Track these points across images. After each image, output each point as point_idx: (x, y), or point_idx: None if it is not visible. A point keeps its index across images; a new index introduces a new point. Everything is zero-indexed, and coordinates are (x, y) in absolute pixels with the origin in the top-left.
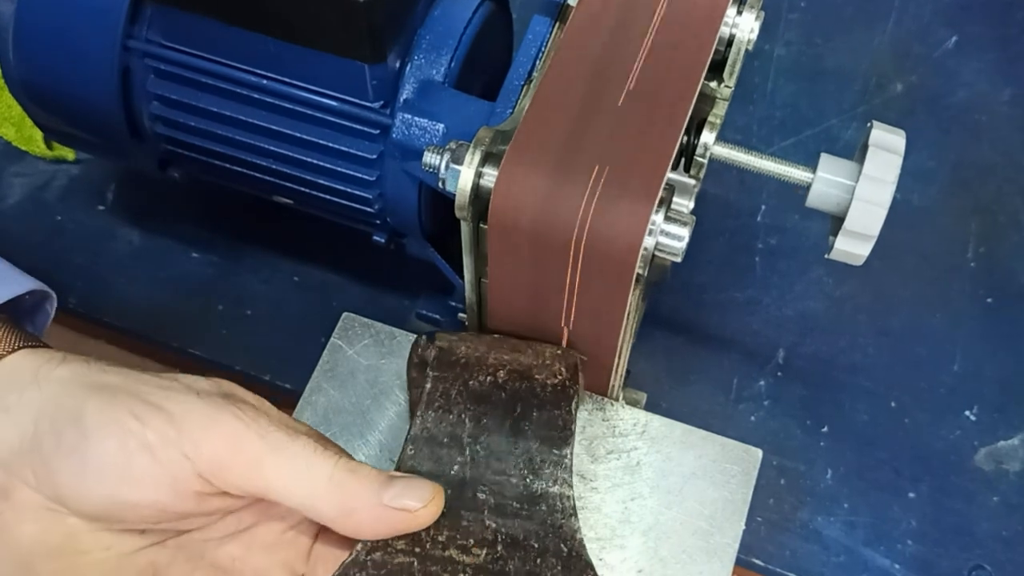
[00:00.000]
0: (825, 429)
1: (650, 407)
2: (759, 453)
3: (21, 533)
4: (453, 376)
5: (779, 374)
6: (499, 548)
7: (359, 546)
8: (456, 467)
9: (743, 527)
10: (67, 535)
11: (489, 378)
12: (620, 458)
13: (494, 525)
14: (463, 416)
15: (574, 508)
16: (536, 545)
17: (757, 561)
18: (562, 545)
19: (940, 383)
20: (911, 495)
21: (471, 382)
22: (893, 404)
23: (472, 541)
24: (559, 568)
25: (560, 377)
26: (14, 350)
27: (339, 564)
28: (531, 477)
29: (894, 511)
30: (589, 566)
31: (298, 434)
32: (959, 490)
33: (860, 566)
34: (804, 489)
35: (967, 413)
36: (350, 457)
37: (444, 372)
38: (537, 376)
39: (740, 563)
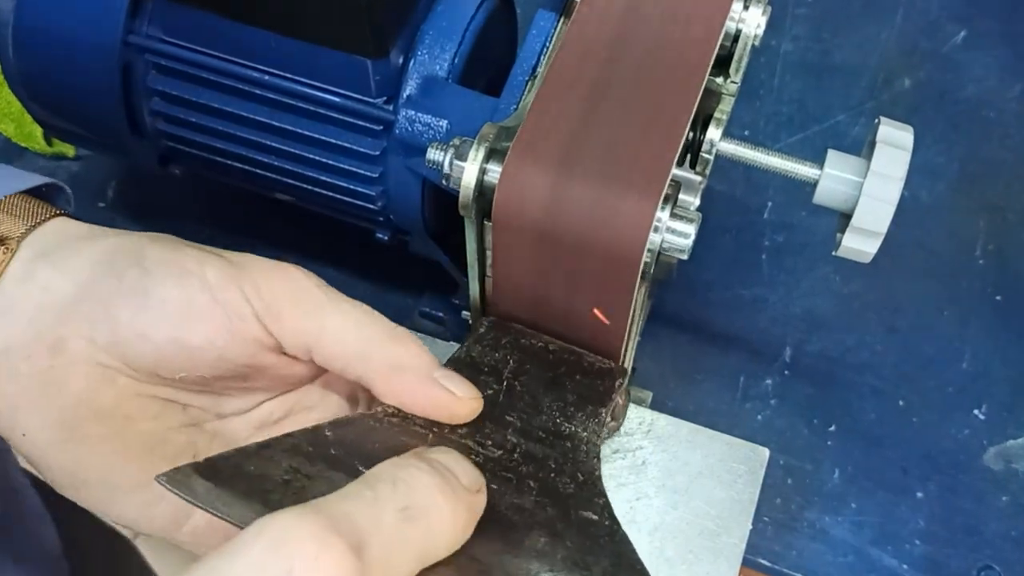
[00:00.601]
0: (832, 428)
1: (656, 406)
2: (766, 452)
3: (70, 391)
4: (506, 330)
5: (786, 372)
6: (516, 455)
7: (382, 406)
8: (491, 391)
9: (750, 527)
10: (117, 397)
11: (539, 343)
12: (625, 457)
13: (516, 440)
14: (508, 357)
15: (599, 455)
16: (553, 466)
17: (764, 561)
18: (579, 473)
19: (949, 381)
20: (919, 495)
21: (522, 340)
22: (901, 403)
23: (491, 442)
24: (572, 488)
25: (608, 365)
26: (55, 215)
27: None
28: (562, 419)
29: (902, 511)
30: (602, 494)
31: (356, 302)
32: (968, 490)
33: (868, 566)
34: (811, 488)
35: (976, 412)
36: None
37: (499, 328)
38: (586, 357)
39: (747, 563)
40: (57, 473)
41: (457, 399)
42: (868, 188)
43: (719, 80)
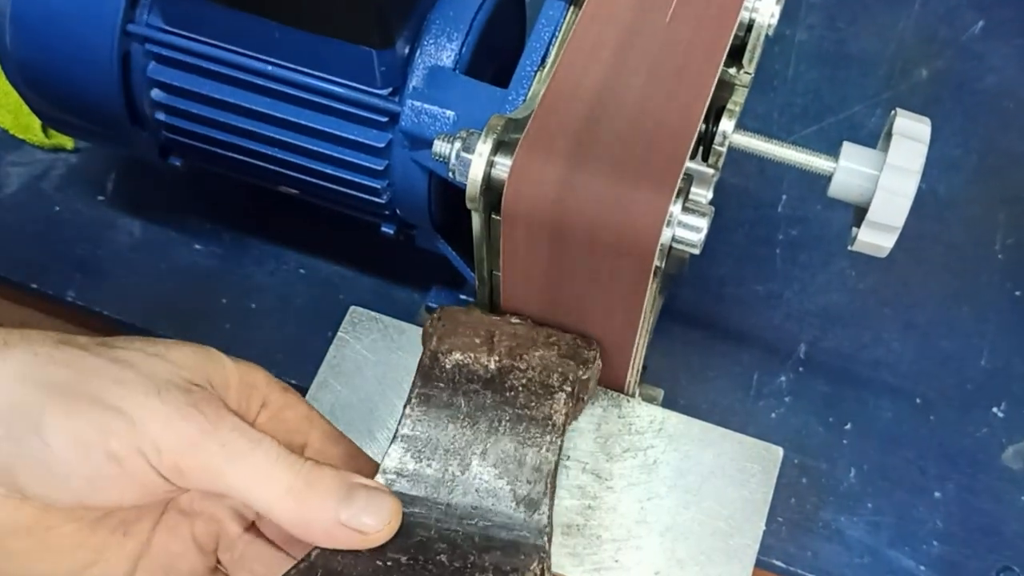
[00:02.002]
0: (848, 426)
1: (667, 404)
2: (780, 451)
3: None
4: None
5: (800, 369)
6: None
7: (314, 551)
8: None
9: (763, 527)
10: (35, 517)
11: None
12: (636, 456)
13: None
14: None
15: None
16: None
17: (778, 563)
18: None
19: (967, 379)
20: (937, 494)
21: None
22: (918, 400)
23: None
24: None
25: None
26: None
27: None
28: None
29: (919, 511)
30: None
31: (261, 440)
32: (987, 489)
33: (884, 568)
34: (826, 488)
35: (995, 410)
36: (316, 463)
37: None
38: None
39: (760, 565)
40: None
41: (367, 537)
42: (884, 181)
43: (732, 71)
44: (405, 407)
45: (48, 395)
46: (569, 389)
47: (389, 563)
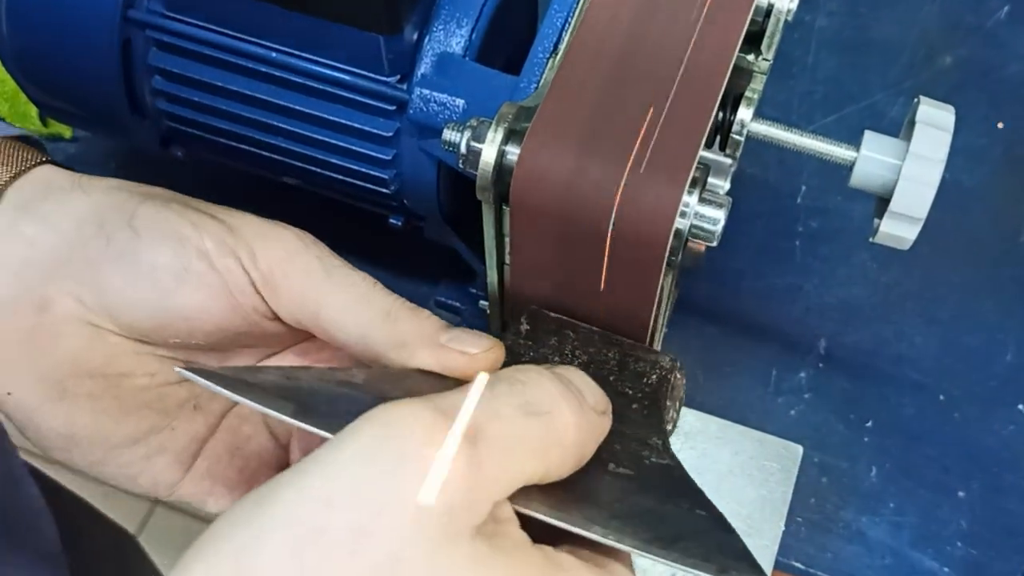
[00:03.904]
0: (869, 424)
1: (684, 401)
2: (799, 449)
3: (59, 349)
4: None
5: (820, 365)
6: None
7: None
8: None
9: (783, 528)
10: (109, 355)
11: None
12: None
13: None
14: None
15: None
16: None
17: (797, 564)
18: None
19: (992, 375)
20: (961, 494)
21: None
22: (942, 397)
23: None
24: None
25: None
26: (40, 163)
27: None
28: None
29: (943, 511)
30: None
31: (357, 270)
32: (1013, 489)
33: (907, 569)
34: (847, 487)
35: (1021, 407)
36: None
37: (540, 322)
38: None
39: (779, 566)
40: (46, 434)
41: (471, 358)
42: (907, 171)
43: (750, 57)
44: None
45: (144, 197)
46: (671, 361)
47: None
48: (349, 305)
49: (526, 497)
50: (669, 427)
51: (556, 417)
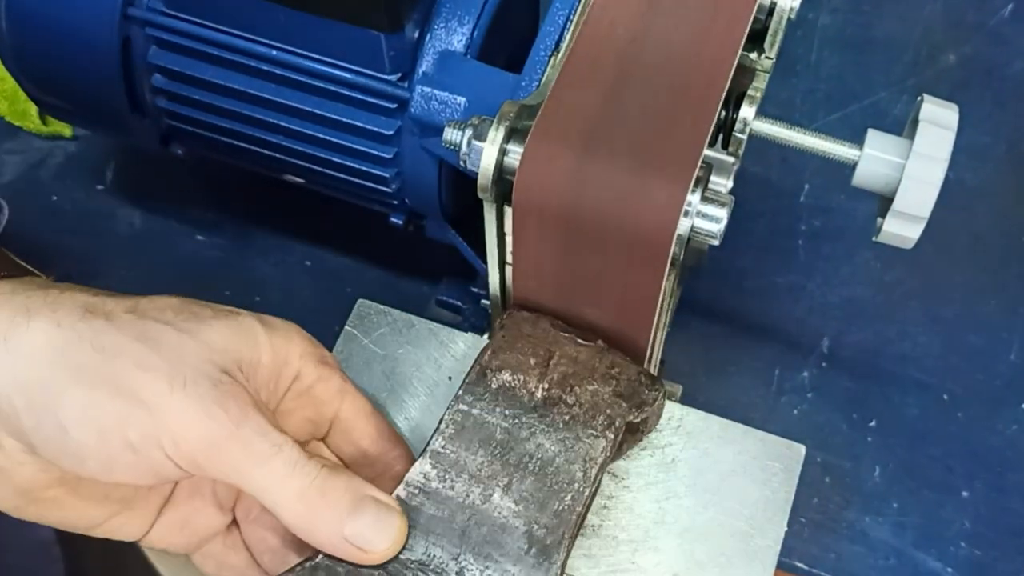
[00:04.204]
0: (873, 423)
1: (686, 400)
2: (802, 449)
3: (17, 474)
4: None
5: (824, 365)
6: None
7: (320, 555)
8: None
9: (785, 528)
10: (62, 475)
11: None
12: (654, 454)
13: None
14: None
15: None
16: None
17: (800, 564)
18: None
19: (996, 374)
20: (965, 494)
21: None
22: (945, 397)
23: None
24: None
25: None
26: None
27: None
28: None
29: (947, 511)
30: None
31: (282, 446)
32: (1017, 489)
33: (910, 570)
34: (850, 487)
35: None
36: (332, 470)
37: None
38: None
39: (782, 566)
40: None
41: (368, 555)
42: (910, 170)
43: (753, 56)
44: (440, 421)
45: (69, 376)
46: (612, 436)
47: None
48: (266, 488)
49: None
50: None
51: None
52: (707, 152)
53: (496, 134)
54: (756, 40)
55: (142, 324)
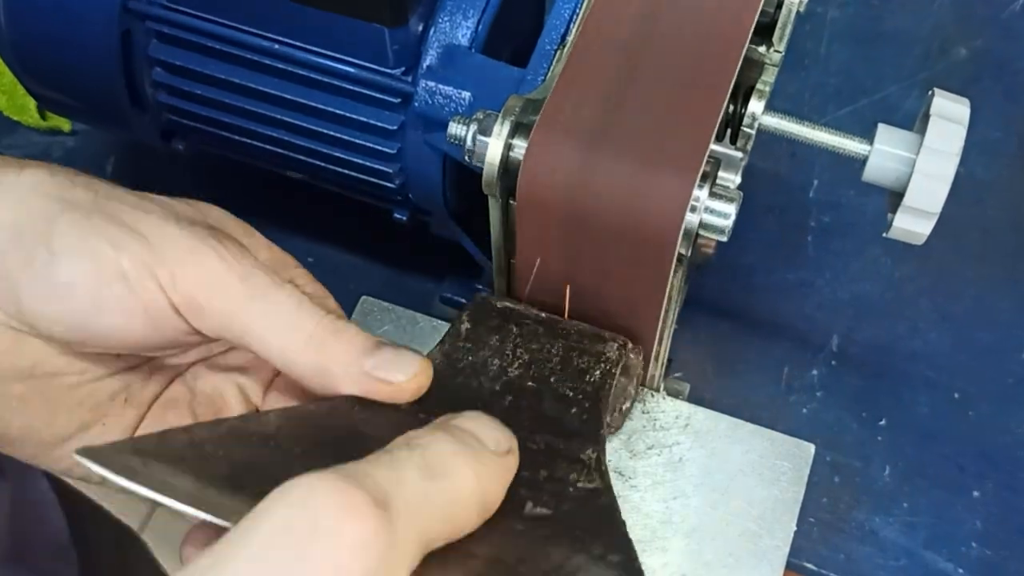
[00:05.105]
0: (883, 422)
1: (694, 399)
2: (811, 448)
3: None
4: (491, 317)
5: (833, 363)
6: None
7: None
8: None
9: (794, 528)
10: (35, 357)
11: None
12: (661, 454)
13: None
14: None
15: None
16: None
17: (809, 565)
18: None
19: (1008, 372)
20: (976, 494)
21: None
22: (956, 395)
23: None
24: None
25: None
26: None
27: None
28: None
29: (958, 511)
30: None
31: (284, 282)
32: None
33: (920, 570)
34: (860, 487)
35: None
36: (340, 315)
37: (480, 318)
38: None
39: (791, 567)
40: None
41: (394, 387)
42: (921, 165)
43: (761, 49)
44: (455, 321)
45: (62, 208)
46: (618, 344)
47: (421, 416)
48: (272, 330)
49: (435, 562)
50: (627, 405)
51: (456, 477)
52: (715, 147)
53: (501, 129)
54: (765, 33)
55: (137, 192)
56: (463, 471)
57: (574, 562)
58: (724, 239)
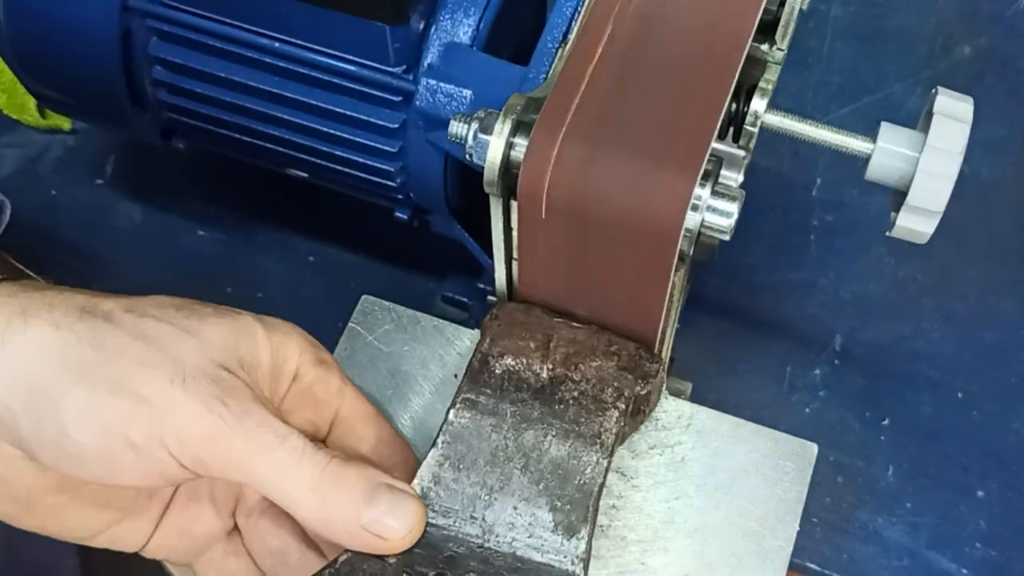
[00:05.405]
0: (886, 422)
1: (696, 398)
2: (814, 448)
3: (15, 480)
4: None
5: (836, 362)
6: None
7: (342, 556)
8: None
9: (797, 528)
10: (60, 481)
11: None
12: (663, 453)
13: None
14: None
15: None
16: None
17: (812, 565)
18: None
19: (1011, 372)
20: (980, 494)
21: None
22: (960, 395)
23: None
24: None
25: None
26: None
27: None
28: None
29: (961, 511)
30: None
31: (287, 436)
32: None
33: (924, 570)
34: (863, 487)
35: None
36: (342, 459)
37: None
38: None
39: (794, 567)
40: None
41: (388, 543)
42: (924, 164)
43: (764, 47)
44: (449, 411)
45: (69, 377)
46: (623, 407)
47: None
48: (275, 483)
49: None
50: (651, 409)
51: None
52: (718, 146)
53: (503, 127)
54: (767, 31)
55: (141, 323)
56: None
57: None
58: (726, 238)
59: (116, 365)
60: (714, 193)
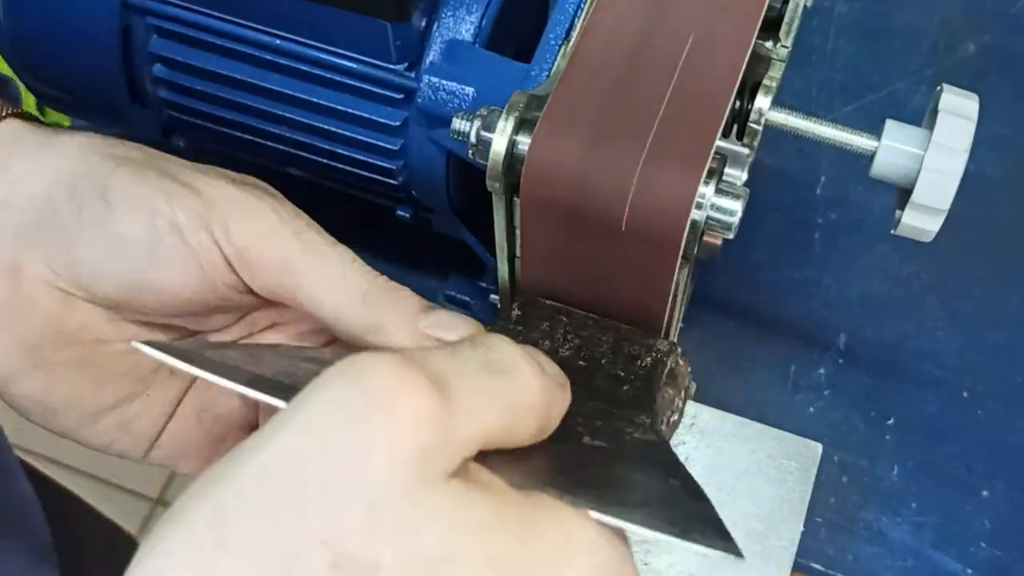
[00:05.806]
0: (891, 421)
1: (700, 398)
2: (819, 447)
3: (31, 317)
4: (542, 309)
5: (840, 361)
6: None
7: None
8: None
9: (801, 528)
10: (84, 322)
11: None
12: None
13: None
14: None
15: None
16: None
17: (816, 565)
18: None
19: (1017, 370)
20: (985, 493)
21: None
22: (965, 394)
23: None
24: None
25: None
26: (7, 115)
27: None
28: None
29: (966, 511)
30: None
31: (337, 244)
32: None
33: (929, 571)
34: (868, 487)
35: None
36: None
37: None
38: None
39: (798, 567)
40: (22, 401)
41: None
42: (929, 161)
43: (768, 44)
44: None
45: (116, 163)
46: (668, 345)
47: None
48: (325, 286)
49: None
50: (675, 418)
51: (519, 376)
52: (722, 143)
53: (505, 125)
54: (771, 28)
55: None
56: (527, 375)
57: (636, 476)
58: (730, 236)
59: (165, 163)
60: (718, 191)
